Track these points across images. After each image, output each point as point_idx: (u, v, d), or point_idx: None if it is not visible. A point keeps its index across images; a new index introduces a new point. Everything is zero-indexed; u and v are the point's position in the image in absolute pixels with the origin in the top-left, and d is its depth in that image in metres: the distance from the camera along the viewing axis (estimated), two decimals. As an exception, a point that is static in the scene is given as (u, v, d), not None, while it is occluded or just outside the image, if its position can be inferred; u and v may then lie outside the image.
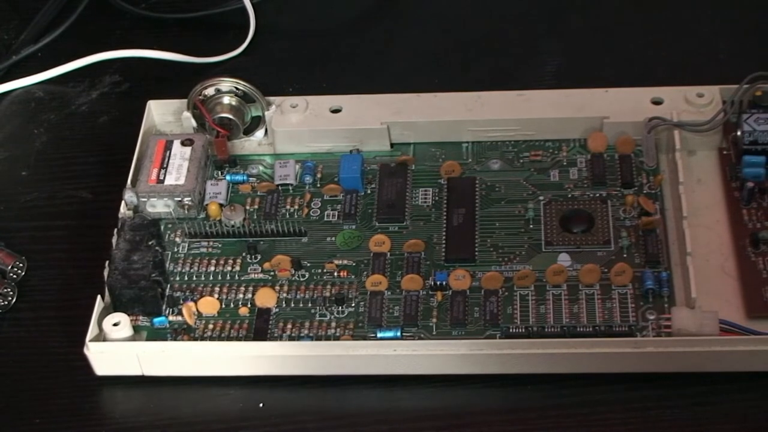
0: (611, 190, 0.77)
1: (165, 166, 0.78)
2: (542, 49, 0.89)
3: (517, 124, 0.80)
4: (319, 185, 0.79)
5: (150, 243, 0.73)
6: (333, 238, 0.76)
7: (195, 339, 0.72)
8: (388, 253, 0.75)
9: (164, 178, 0.77)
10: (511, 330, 0.70)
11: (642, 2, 0.93)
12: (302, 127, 0.80)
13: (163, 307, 0.73)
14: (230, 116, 0.80)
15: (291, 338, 0.71)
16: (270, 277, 0.74)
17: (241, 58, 0.90)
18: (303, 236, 0.76)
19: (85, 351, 0.70)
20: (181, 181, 0.77)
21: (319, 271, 0.74)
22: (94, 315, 0.71)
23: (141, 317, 0.73)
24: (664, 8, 0.92)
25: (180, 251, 0.76)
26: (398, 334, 0.71)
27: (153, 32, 0.93)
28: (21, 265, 0.77)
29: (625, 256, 0.73)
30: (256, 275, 0.74)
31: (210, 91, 0.80)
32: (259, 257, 0.75)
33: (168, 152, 0.78)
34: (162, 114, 0.82)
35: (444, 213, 0.77)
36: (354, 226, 0.77)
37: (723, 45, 0.88)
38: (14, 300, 0.76)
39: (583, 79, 0.83)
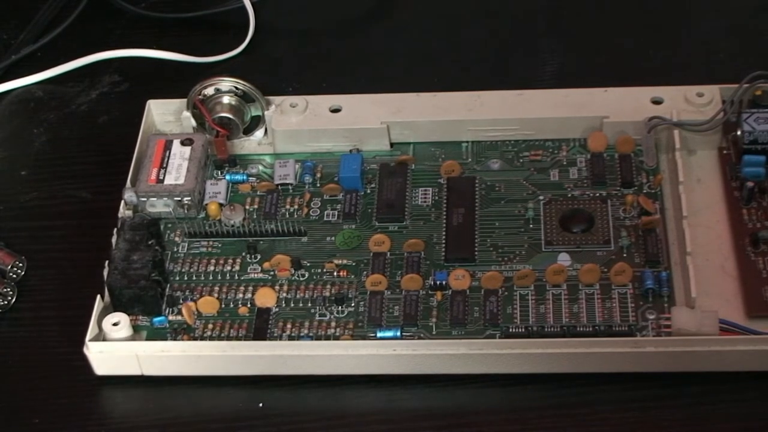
0: (611, 189, 0.77)
1: (165, 165, 0.78)
2: (542, 49, 0.89)
3: (516, 124, 0.80)
4: (318, 185, 0.79)
5: (150, 243, 0.73)
6: (333, 238, 0.76)
7: (195, 339, 0.72)
8: (388, 253, 0.75)
9: (164, 177, 0.77)
10: (510, 330, 0.70)
11: (642, 2, 0.93)
12: (302, 127, 0.80)
13: (163, 307, 0.73)
14: (230, 116, 0.80)
15: (291, 338, 0.71)
16: (270, 277, 0.74)
17: (240, 58, 0.90)
18: (303, 236, 0.76)
19: (85, 351, 0.70)
20: (181, 181, 0.77)
21: (319, 270, 0.74)
22: (94, 315, 0.71)
23: (141, 317, 0.73)
24: (663, 8, 0.92)
25: (180, 251, 0.76)
26: (398, 333, 0.71)
27: (153, 32, 0.93)
28: (21, 264, 0.77)
29: (624, 255, 0.73)
30: (255, 275, 0.74)
31: (210, 91, 0.80)
32: (258, 257, 0.75)
33: (168, 152, 0.78)
34: (162, 114, 0.82)
35: (444, 213, 0.77)
36: (354, 226, 0.77)
37: (723, 45, 0.88)
38: (14, 300, 0.76)
39: (583, 79, 0.83)
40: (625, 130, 0.78)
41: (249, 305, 0.73)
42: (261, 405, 0.70)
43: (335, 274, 0.74)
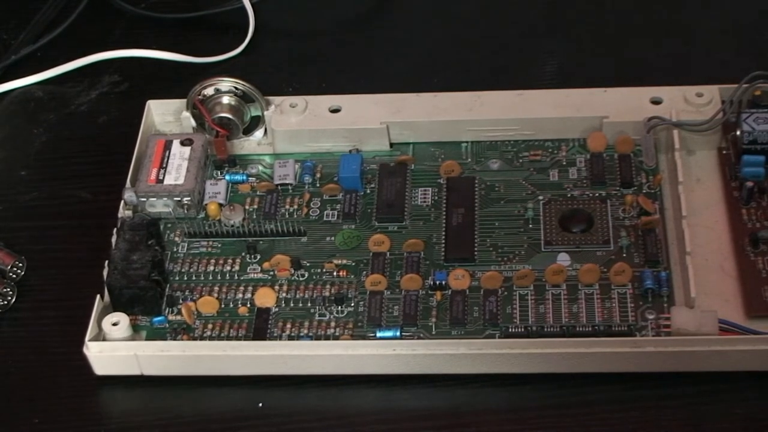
0: (610, 189, 0.77)
1: (164, 165, 0.78)
2: (542, 49, 0.89)
3: (516, 124, 0.80)
4: (318, 185, 0.79)
5: (149, 243, 0.73)
6: (332, 238, 0.76)
7: (194, 339, 0.72)
8: (388, 253, 0.75)
9: (164, 177, 0.77)
10: (510, 330, 0.70)
11: (642, 2, 0.93)
12: (301, 127, 0.80)
13: (163, 307, 0.73)
14: (229, 116, 0.80)
15: (290, 338, 0.71)
16: (269, 277, 0.74)
17: (240, 58, 0.90)
18: (302, 236, 0.76)
19: (85, 350, 0.70)
20: (181, 181, 0.77)
21: (319, 270, 0.74)
22: (94, 315, 0.71)
23: (140, 317, 0.73)
24: (664, 8, 0.92)
25: (179, 251, 0.76)
26: (397, 333, 0.71)
27: (152, 32, 0.93)
28: (20, 264, 0.77)
29: (624, 255, 0.73)
30: (255, 275, 0.74)
31: (209, 91, 0.80)
32: (258, 257, 0.75)
33: (167, 152, 0.78)
34: (161, 114, 0.82)
35: (443, 213, 0.77)
36: (353, 226, 0.77)
37: (722, 45, 0.88)
38: (14, 300, 0.76)
39: (582, 79, 0.83)
40: (625, 130, 0.78)
41: (249, 305, 0.73)
42: (261, 405, 0.70)
43: (335, 274, 0.74)
